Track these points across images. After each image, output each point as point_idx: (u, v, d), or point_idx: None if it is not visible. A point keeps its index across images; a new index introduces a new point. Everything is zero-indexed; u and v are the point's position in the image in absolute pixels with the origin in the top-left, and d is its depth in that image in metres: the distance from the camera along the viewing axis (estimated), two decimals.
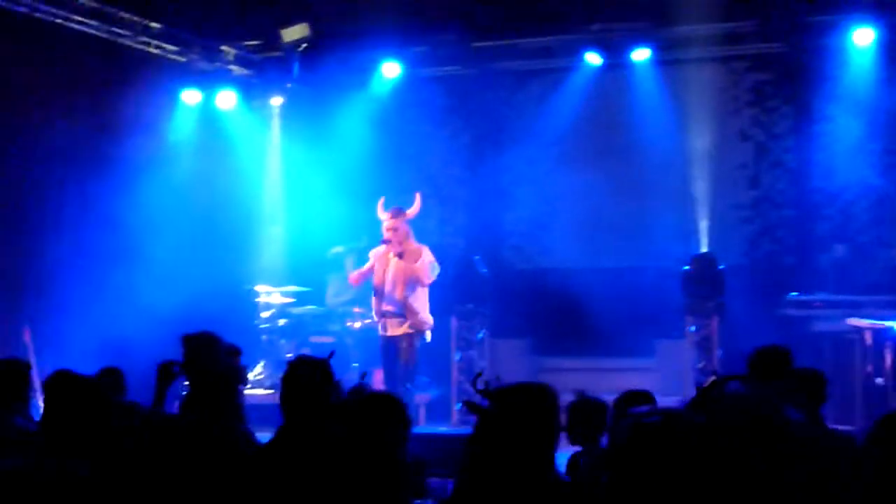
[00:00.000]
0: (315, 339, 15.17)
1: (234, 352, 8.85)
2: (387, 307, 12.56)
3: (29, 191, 13.80)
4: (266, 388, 14.22)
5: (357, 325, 15.31)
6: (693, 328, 13.97)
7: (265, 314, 15.87)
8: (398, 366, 12.55)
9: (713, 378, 6.64)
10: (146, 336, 12.61)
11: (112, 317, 13.51)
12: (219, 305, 14.40)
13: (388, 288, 12.50)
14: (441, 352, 14.93)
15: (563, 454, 6.38)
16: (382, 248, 12.67)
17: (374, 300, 12.82)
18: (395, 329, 12.56)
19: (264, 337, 15.67)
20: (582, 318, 15.61)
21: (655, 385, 13.55)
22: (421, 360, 12.72)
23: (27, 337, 12.75)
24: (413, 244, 12.61)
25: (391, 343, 12.64)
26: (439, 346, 15.07)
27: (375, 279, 12.68)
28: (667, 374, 14.18)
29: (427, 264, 12.50)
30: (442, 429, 13.27)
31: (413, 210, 12.79)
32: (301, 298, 16.04)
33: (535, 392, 4.85)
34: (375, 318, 12.91)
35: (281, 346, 15.45)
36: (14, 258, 13.61)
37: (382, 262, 12.62)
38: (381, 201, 12.91)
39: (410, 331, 12.49)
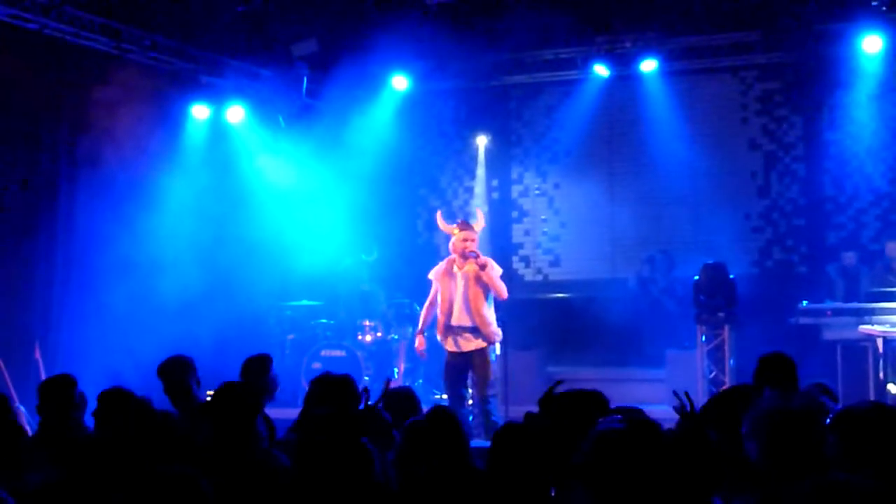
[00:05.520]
0: (326, 352, 15.15)
1: (265, 360, 8.77)
2: (458, 322, 11.92)
3: (35, 207, 13.83)
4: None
5: (368, 338, 15.31)
6: (704, 338, 13.93)
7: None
8: (473, 382, 11.98)
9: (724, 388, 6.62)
10: (157, 353, 12.61)
11: (122, 335, 13.48)
12: (235, 321, 14.45)
13: (459, 303, 11.92)
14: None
15: None
16: (443, 264, 12.19)
17: (440, 317, 12.05)
18: (468, 344, 11.92)
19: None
20: (592, 329, 15.64)
21: (666, 395, 13.57)
22: (496, 370, 12.05)
23: (37, 354, 12.73)
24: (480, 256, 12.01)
25: (463, 359, 11.97)
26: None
27: (443, 296, 12.05)
28: (677, 385, 14.03)
29: (499, 274, 11.99)
30: None
31: (479, 224, 12.29)
32: (312, 312, 16.06)
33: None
34: (440, 336, 12.14)
35: (292, 360, 15.48)
36: (21, 277, 13.62)
37: (447, 278, 12.05)
38: (438, 214, 12.55)
39: (484, 344, 11.87)
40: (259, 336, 15.50)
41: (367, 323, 15.39)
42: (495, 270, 11.96)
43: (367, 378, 14.21)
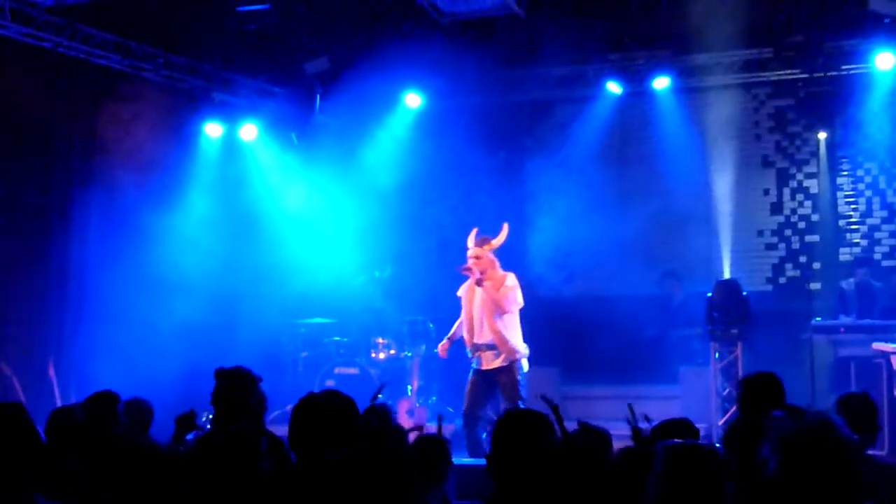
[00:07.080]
0: (340, 370, 15.13)
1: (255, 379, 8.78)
2: (479, 340, 11.87)
3: (48, 226, 13.87)
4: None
5: (381, 355, 15.29)
6: (717, 355, 13.91)
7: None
8: (497, 401, 11.85)
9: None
10: (172, 371, 12.64)
11: (135, 354, 13.48)
12: (248, 339, 14.43)
13: (478, 320, 11.88)
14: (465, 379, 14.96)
15: None
16: (469, 281, 12.08)
17: (465, 334, 12.09)
18: (490, 363, 11.81)
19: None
20: (605, 346, 15.59)
21: (679, 412, 13.54)
22: (522, 390, 11.72)
23: (51, 372, 12.73)
24: (498, 272, 11.95)
25: (486, 377, 11.86)
26: (463, 374, 15.10)
27: (466, 313, 12.08)
28: (691, 401, 14.07)
29: (509, 290, 11.85)
30: (466, 460, 13.00)
31: (498, 239, 12.16)
32: (326, 330, 16.04)
33: None
34: (470, 353, 12.07)
35: (305, 378, 15.45)
36: (35, 295, 13.66)
37: (470, 294, 12.04)
38: (473, 232, 12.42)
39: (506, 363, 11.74)
40: (272, 354, 15.47)
41: (381, 340, 15.37)
42: (507, 283, 11.85)
43: (380, 396, 14.17)
